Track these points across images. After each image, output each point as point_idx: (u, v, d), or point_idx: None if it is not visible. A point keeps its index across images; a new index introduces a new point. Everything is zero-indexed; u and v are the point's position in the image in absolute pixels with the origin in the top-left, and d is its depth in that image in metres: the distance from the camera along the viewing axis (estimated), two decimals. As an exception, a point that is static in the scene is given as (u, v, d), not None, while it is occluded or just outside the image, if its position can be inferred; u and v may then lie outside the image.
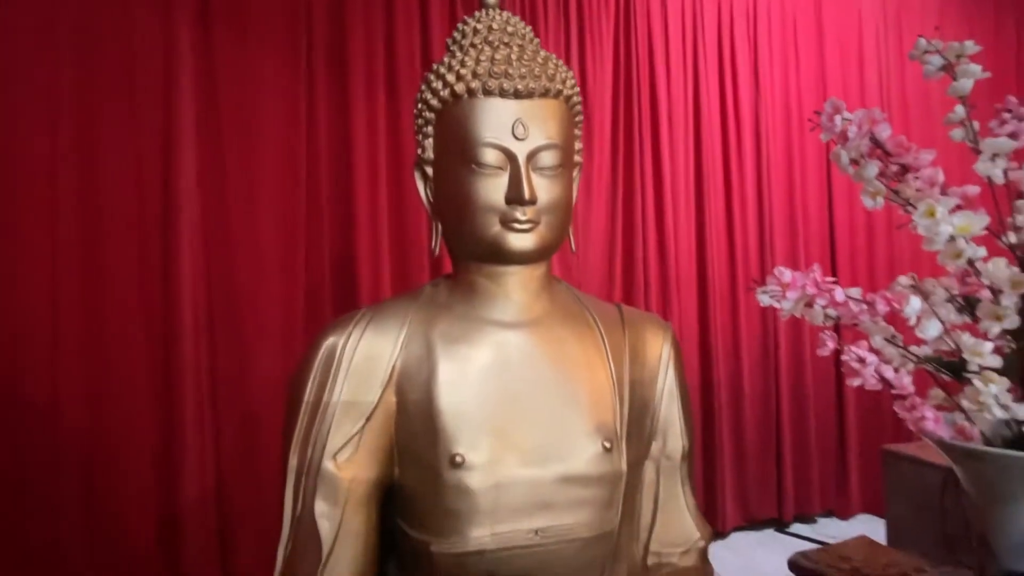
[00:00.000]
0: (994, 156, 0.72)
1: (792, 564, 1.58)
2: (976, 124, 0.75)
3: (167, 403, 1.81)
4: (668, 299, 2.64)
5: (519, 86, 0.74)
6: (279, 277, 2.01)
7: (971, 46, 0.75)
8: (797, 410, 2.93)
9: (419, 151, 0.83)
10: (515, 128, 0.74)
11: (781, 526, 2.98)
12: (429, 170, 0.82)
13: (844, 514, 2.99)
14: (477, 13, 0.82)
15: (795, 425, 2.92)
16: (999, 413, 0.68)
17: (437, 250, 0.82)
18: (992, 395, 0.66)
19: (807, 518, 2.99)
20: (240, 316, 1.95)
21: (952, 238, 0.63)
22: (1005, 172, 0.72)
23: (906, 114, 2.99)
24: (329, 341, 0.76)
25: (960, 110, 0.75)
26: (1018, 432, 0.70)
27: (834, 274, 2.93)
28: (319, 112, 2.11)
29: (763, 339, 2.88)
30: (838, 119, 0.69)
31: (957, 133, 0.75)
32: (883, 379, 0.73)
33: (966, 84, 0.74)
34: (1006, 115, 0.76)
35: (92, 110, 1.80)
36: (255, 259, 1.98)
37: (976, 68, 0.74)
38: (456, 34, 0.83)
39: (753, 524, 2.87)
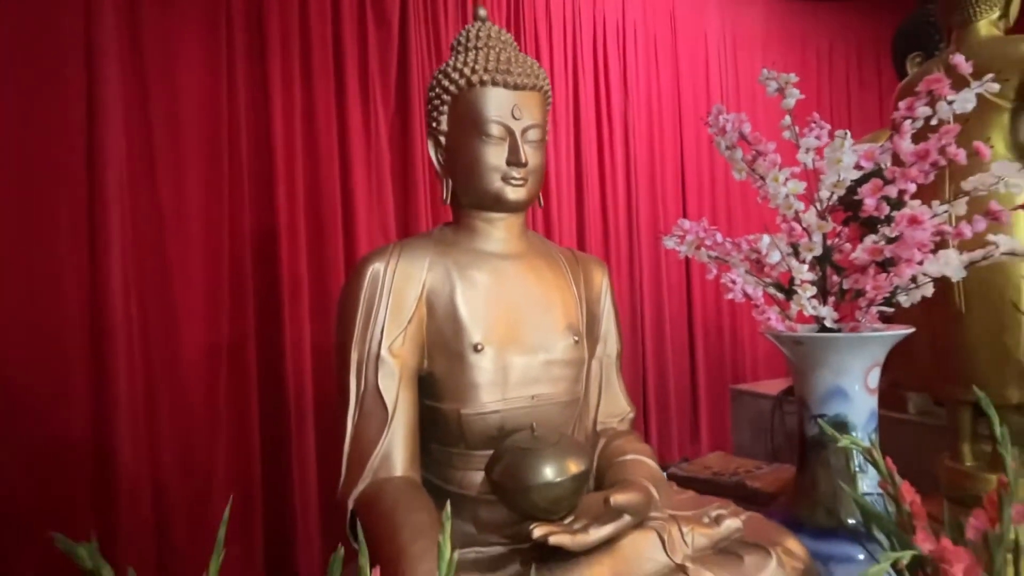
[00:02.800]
0: (808, 150, 1.11)
1: (670, 475, 2.00)
2: (796, 128, 1.14)
3: (99, 366, 1.80)
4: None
5: (517, 80, 1.00)
6: (204, 251, 2.06)
7: (793, 77, 1.14)
8: (659, 370, 3.43)
9: (433, 124, 1.06)
10: (513, 111, 0.99)
11: (647, 472, 3.48)
12: (442, 139, 1.05)
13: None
14: (475, 23, 1.07)
15: (658, 384, 3.42)
16: (811, 310, 1.07)
17: (448, 200, 1.05)
18: (807, 298, 1.05)
19: (666, 466, 3.52)
20: (169, 289, 1.98)
21: (787, 195, 1.00)
22: (813, 160, 1.12)
23: (739, 112, 3.63)
24: (374, 266, 0.97)
25: (788, 119, 1.13)
26: (821, 324, 1.09)
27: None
28: (238, 91, 2.17)
29: (631, 309, 3.35)
30: (721, 118, 1.04)
31: (786, 133, 1.13)
32: (746, 294, 1.09)
33: (791, 101, 1.12)
34: (813, 124, 1.16)
35: (13, 80, 1.74)
36: (182, 232, 2.01)
37: (796, 91, 1.13)
38: (461, 38, 1.07)
39: (625, 471, 3.33)
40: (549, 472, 0.79)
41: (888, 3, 3.90)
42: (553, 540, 0.75)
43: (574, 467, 0.81)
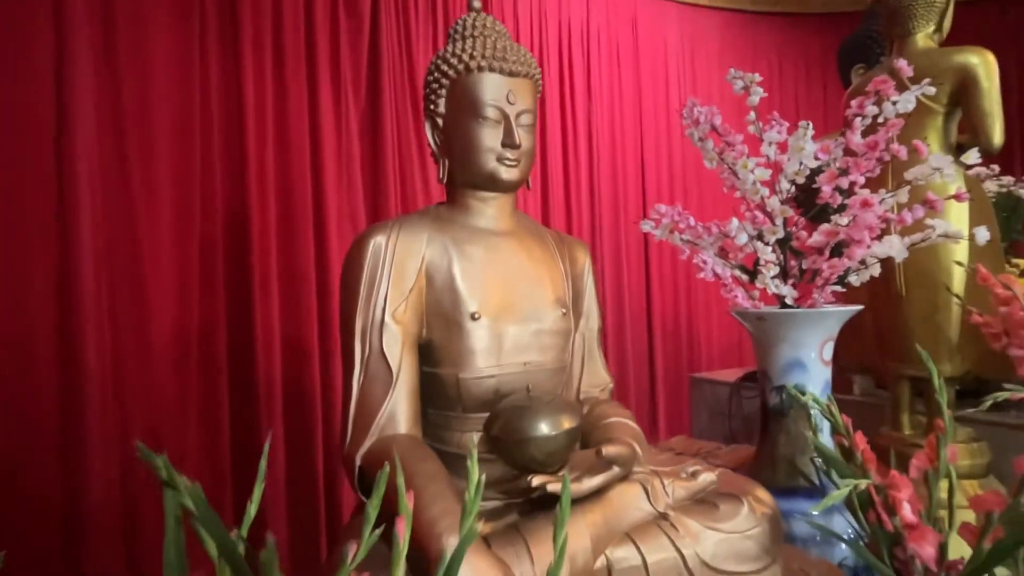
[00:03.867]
0: (770, 143, 1.22)
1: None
2: (760, 123, 1.24)
3: (68, 352, 1.76)
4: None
5: (512, 68, 1.06)
6: (175, 238, 2.04)
7: (758, 76, 1.25)
8: (619, 361, 3.54)
9: (431, 106, 1.11)
10: (508, 96, 1.06)
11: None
12: (440, 120, 1.10)
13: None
14: (471, 14, 1.13)
15: (618, 374, 3.54)
16: (773, 288, 1.17)
17: (445, 179, 1.10)
18: (769, 277, 1.15)
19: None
20: (140, 276, 1.95)
21: (754, 182, 1.10)
22: (775, 152, 1.22)
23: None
24: (376, 240, 1.02)
25: (752, 115, 1.24)
26: (782, 302, 1.20)
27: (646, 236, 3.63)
28: (210, 80, 2.16)
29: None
30: (696, 111, 1.13)
31: (751, 128, 1.24)
32: (716, 274, 1.19)
33: (755, 99, 1.23)
34: (774, 122, 1.27)
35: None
36: (153, 219, 1.99)
37: (760, 90, 1.24)
38: (458, 26, 1.12)
39: (586, 461, 3.44)
40: (544, 427, 0.86)
41: (833, 19, 4.15)
42: (551, 488, 0.81)
43: (567, 423, 0.88)
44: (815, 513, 1.06)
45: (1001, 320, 1.18)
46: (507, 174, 1.06)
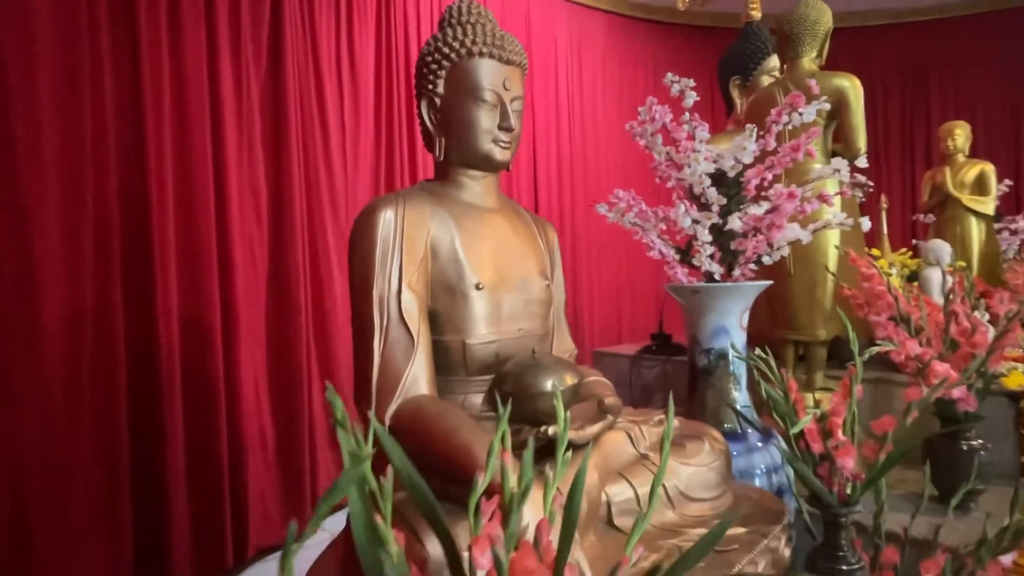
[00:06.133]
0: (700, 140, 1.42)
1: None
2: (693, 123, 1.44)
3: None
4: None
5: (508, 56, 1.13)
6: (65, 207, 1.83)
7: (691, 82, 1.44)
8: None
9: (429, 87, 1.14)
10: (504, 82, 1.12)
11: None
12: (438, 101, 1.14)
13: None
14: (463, 0, 1.17)
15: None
16: (708, 266, 1.38)
17: (441, 156, 1.15)
18: (705, 256, 1.35)
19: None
20: (27, 247, 1.73)
21: (700, 174, 1.29)
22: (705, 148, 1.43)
23: (583, 109, 4.07)
24: (386, 213, 1.04)
25: (687, 115, 1.43)
26: (710, 277, 1.41)
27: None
28: (101, 38, 1.95)
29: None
30: (654, 109, 1.29)
31: (686, 126, 1.43)
32: (661, 252, 1.37)
33: (690, 101, 1.42)
34: (696, 122, 1.47)
35: None
36: (39, 184, 1.76)
37: (694, 94, 1.43)
38: (453, 11, 1.16)
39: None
40: (551, 383, 0.97)
41: (702, 32, 4.64)
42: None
43: (569, 379, 1.00)
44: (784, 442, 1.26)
45: (865, 293, 1.49)
46: (500, 155, 1.14)
